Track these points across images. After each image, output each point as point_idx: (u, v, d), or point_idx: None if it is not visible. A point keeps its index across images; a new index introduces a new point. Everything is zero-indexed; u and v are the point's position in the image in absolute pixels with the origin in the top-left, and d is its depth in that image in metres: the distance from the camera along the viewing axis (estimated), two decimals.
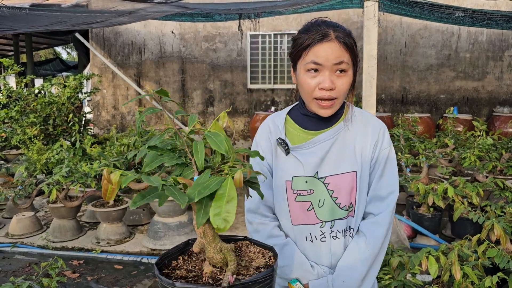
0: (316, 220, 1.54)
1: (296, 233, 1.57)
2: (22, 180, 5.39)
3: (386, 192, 1.55)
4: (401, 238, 4.40)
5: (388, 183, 1.55)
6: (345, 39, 1.42)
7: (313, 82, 1.43)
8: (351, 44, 1.44)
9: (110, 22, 5.63)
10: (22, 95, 6.38)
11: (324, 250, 1.55)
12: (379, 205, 1.55)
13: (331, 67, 1.41)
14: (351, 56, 1.44)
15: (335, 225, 1.54)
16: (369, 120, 1.58)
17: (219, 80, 9.90)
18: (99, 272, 4.18)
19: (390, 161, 1.56)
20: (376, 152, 1.54)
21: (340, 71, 1.42)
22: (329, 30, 1.41)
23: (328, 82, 1.41)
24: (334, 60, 1.40)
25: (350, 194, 1.52)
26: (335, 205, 1.52)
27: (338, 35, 1.41)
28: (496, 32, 8.90)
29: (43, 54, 24.88)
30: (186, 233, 4.74)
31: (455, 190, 3.97)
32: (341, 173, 1.51)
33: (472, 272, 2.31)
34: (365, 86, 4.12)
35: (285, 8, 5.17)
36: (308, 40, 1.42)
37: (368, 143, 1.54)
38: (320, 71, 1.42)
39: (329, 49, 1.40)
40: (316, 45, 1.40)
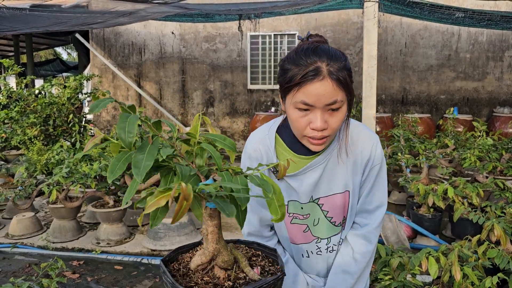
0: (312, 238, 1.56)
1: (294, 251, 1.61)
2: (22, 180, 5.39)
3: (375, 205, 1.54)
4: (401, 239, 4.40)
5: (377, 197, 1.54)
6: (338, 75, 1.28)
7: (304, 120, 1.33)
8: (345, 79, 1.30)
9: (110, 22, 5.63)
10: (22, 95, 6.39)
11: (320, 263, 1.60)
12: (367, 217, 1.56)
13: (323, 107, 1.30)
14: (346, 93, 1.32)
15: (331, 241, 1.57)
16: (359, 137, 1.50)
17: (219, 80, 9.90)
18: (99, 273, 4.18)
19: (381, 176, 1.53)
20: (367, 169, 1.51)
21: (333, 110, 1.32)
22: (321, 65, 1.27)
23: (320, 123, 1.31)
24: (327, 101, 1.28)
25: (343, 211, 1.54)
26: (331, 224, 1.54)
27: (331, 71, 1.27)
28: (496, 33, 8.90)
29: (43, 54, 24.89)
30: (186, 233, 4.74)
31: (455, 191, 3.97)
32: (335, 193, 1.50)
33: (472, 272, 2.31)
34: (365, 86, 4.12)
35: (285, 8, 5.17)
36: (298, 77, 1.28)
37: (359, 161, 1.49)
38: (311, 110, 1.31)
39: (321, 88, 1.27)
40: (307, 84, 1.27)
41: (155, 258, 4.46)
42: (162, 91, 10.11)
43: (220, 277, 1.02)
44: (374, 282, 2.83)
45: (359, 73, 9.24)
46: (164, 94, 10.09)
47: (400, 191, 6.13)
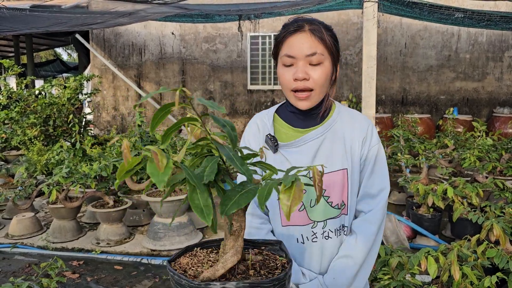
0: (308, 221, 1.51)
1: (287, 234, 1.54)
2: (22, 181, 5.40)
3: (377, 189, 1.53)
4: (401, 239, 4.40)
5: (379, 180, 1.54)
6: (320, 33, 1.40)
7: (289, 74, 1.43)
8: (325, 37, 1.41)
9: (110, 23, 5.64)
10: (22, 96, 6.39)
11: (315, 251, 1.53)
12: (370, 202, 1.53)
13: (304, 58, 1.40)
14: (326, 48, 1.41)
15: (328, 225, 1.52)
16: (356, 117, 1.57)
17: (219, 81, 9.91)
18: (99, 273, 4.18)
19: (380, 158, 1.55)
20: (365, 149, 1.53)
21: (316, 64, 1.41)
22: (304, 24, 1.41)
23: (301, 72, 1.40)
24: (307, 51, 1.39)
25: (341, 192, 1.51)
26: (327, 204, 1.50)
27: (313, 28, 1.40)
28: (496, 33, 8.91)
29: (43, 55, 24.90)
30: (186, 233, 4.74)
31: (454, 191, 3.97)
32: (332, 171, 1.49)
33: (471, 272, 2.31)
34: (364, 86, 4.12)
35: (284, 9, 5.18)
36: (283, 33, 1.44)
37: (356, 140, 1.52)
38: (294, 64, 1.42)
39: (301, 39, 1.40)
40: (290, 37, 1.42)
41: (155, 258, 4.47)
42: None
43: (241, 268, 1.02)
44: (374, 281, 2.84)
45: (358, 73, 9.24)
46: (164, 95, 10.09)
47: (399, 191, 6.13)
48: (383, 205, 1.54)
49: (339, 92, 9.45)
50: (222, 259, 1.01)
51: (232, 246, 1.02)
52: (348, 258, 1.50)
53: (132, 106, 10.25)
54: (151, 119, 0.88)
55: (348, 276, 1.49)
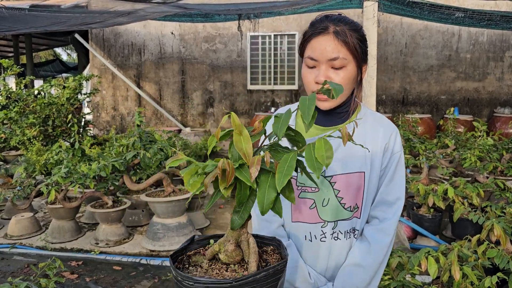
0: (318, 219, 1.49)
1: (295, 230, 1.53)
2: (21, 181, 5.38)
3: (394, 197, 1.51)
4: (401, 239, 4.38)
5: (397, 188, 1.51)
6: (344, 35, 1.37)
7: (311, 76, 1.42)
8: (350, 40, 1.38)
9: (109, 22, 5.62)
10: (22, 96, 6.37)
11: (322, 251, 1.51)
12: (386, 210, 1.51)
13: (326, 62, 1.38)
14: (350, 52, 1.38)
15: (338, 226, 1.49)
16: (381, 122, 1.53)
17: (219, 81, 9.89)
18: (98, 273, 4.17)
19: (401, 166, 1.52)
20: (387, 155, 1.50)
21: (338, 68, 1.39)
22: (329, 25, 1.39)
23: (322, 76, 1.38)
24: (329, 55, 1.37)
25: (356, 195, 1.48)
26: (340, 205, 1.48)
27: (337, 30, 1.37)
28: (496, 33, 8.89)
29: (43, 55, 24.91)
30: (185, 234, 4.72)
31: (455, 191, 3.95)
32: (349, 172, 1.47)
33: (471, 272, 2.29)
34: (364, 86, 4.11)
35: (284, 8, 5.16)
36: (308, 33, 1.42)
37: (379, 145, 1.49)
38: (317, 67, 1.40)
39: (324, 42, 1.37)
40: (314, 38, 1.40)
41: (154, 259, 4.45)
42: (162, 91, 10.10)
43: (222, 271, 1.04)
44: None
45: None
46: (164, 95, 10.08)
47: None
48: (398, 215, 1.51)
49: None
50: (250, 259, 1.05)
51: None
52: (360, 268, 1.47)
53: (131, 106, 10.24)
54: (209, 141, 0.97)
55: (358, 286, 1.47)
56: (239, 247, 1.08)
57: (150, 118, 10.15)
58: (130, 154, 4.77)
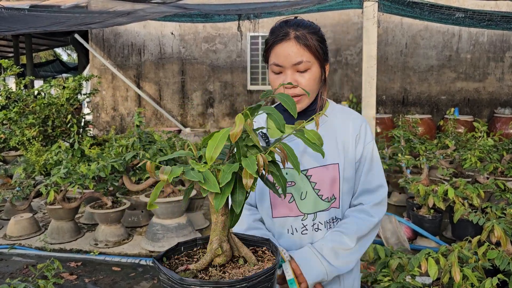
0: (298, 213, 1.55)
1: (277, 226, 1.58)
2: (20, 181, 5.37)
3: (375, 185, 1.58)
4: (401, 240, 4.37)
5: (377, 176, 1.59)
6: (305, 39, 1.43)
7: (277, 81, 1.48)
8: (311, 43, 1.45)
9: (109, 22, 5.62)
10: (21, 96, 6.36)
11: (304, 243, 1.56)
12: (369, 197, 1.58)
13: (291, 67, 1.45)
14: (313, 54, 1.45)
15: (317, 217, 1.55)
16: (350, 115, 1.62)
17: (219, 81, 9.88)
18: (97, 274, 4.16)
19: (375, 154, 1.60)
20: (360, 146, 1.57)
21: (303, 71, 1.46)
22: (289, 30, 1.44)
23: (289, 81, 1.44)
24: (293, 60, 1.43)
25: (332, 186, 1.54)
26: (318, 197, 1.54)
27: (297, 35, 1.43)
28: (497, 33, 8.88)
29: (43, 55, 24.91)
30: (184, 235, 4.71)
31: (455, 192, 3.94)
32: (323, 165, 1.53)
33: (472, 274, 2.28)
34: (364, 86, 4.09)
35: (284, 8, 5.15)
36: (270, 41, 1.47)
37: (350, 136, 1.57)
38: (283, 72, 1.47)
39: (287, 49, 1.43)
40: (276, 45, 1.45)
41: None
42: (162, 91, 10.09)
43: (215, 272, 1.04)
44: (373, 283, 2.81)
45: (359, 73, 9.21)
46: (164, 95, 10.07)
47: (400, 192, 6.10)
48: (384, 201, 1.59)
49: (340, 93, 9.43)
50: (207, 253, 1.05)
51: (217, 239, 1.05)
52: (342, 234, 1.52)
53: (131, 106, 10.23)
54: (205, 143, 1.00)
55: (336, 248, 1.50)
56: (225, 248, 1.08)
57: (150, 119, 10.14)
58: (129, 155, 4.76)
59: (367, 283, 2.84)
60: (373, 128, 4.15)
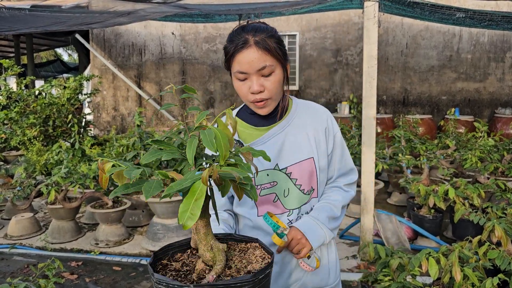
0: (283, 210, 1.61)
1: (262, 225, 1.61)
2: (20, 181, 5.37)
3: (348, 168, 1.74)
4: (402, 240, 4.37)
5: (348, 160, 1.74)
6: (264, 44, 1.46)
7: (244, 88, 1.51)
8: (271, 47, 1.47)
9: (109, 22, 5.62)
10: (22, 96, 6.37)
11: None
12: (345, 178, 1.75)
13: (256, 73, 1.47)
14: (274, 58, 1.48)
15: (301, 211, 1.63)
16: (314, 109, 1.69)
17: (220, 81, 9.88)
18: (97, 274, 4.16)
19: (343, 142, 1.72)
20: (330, 138, 1.67)
21: (268, 75, 1.48)
22: (248, 37, 1.46)
23: (256, 86, 1.47)
24: (257, 66, 1.45)
25: (310, 179, 1.61)
26: (300, 192, 1.61)
27: (257, 41, 1.45)
28: (497, 33, 8.88)
29: (44, 55, 24.92)
30: (185, 234, 4.71)
31: (456, 192, 3.94)
32: (300, 160, 1.60)
33: (472, 273, 2.28)
34: (365, 86, 4.09)
35: (284, 8, 5.15)
36: (231, 50, 1.48)
37: (320, 129, 1.64)
38: (248, 78, 1.49)
39: (250, 56, 1.45)
40: (238, 53, 1.46)
41: None
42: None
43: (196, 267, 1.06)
44: (374, 283, 2.81)
45: (359, 73, 9.21)
46: (164, 96, 10.08)
47: (400, 192, 6.10)
48: (355, 180, 1.77)
49: (340, 93, 9.43)
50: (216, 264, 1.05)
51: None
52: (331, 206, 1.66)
53: (131, 106, 10.23)
54: None
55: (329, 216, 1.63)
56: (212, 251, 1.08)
57: (150, 119, 10.14)
58: (130, 155, 4.76)
59: (368, 282, 2.84)
60: (373, 128, 4.15)
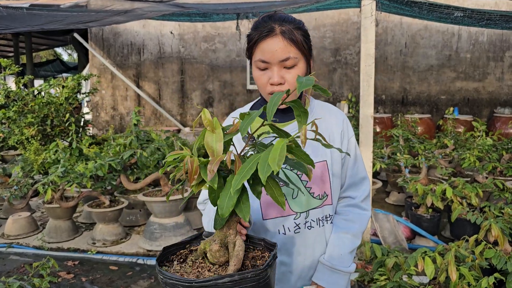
0: (290, 212, 1.54)
1: (269, 227, 1.55)
2: (17, 180, 5.36)
3: (360, 177, 1.63)
4: (399, 239, 4.36)
5: (361, 169, 1.63)
6: (291, 34, 1.41)
7: (264, 78, 1.45)
8: (297, 38, 1.42)
9: (107, 21, 5.61)
10: (20, 95, 6.35)
11: (297, 242, 1.56)
12: (356, 190, 1.62)
13: (278, 63, 1.42)
14: (299, 50, 1.43)
15: (310, 215, 1.54)
16: (331, 111, 1.62)
17: (218, 80, 9.87)
18: (94, 273, 4.15)
19: (357, 147, 1.64)
20: (345, 141, 1.58)
21: (290, 67, 1.43)
22: (275, 26, 1.41)
23: (276, 78, 1.42)
24: (280, 57, 1.40)
25: (323, 183, 1.54)
26: (310, 195, 1.53)
27: (283, 30, 1.40)
28: (496, 33, 8.86)
29: (44, 55, 24.91)
30: (182, 234, 4.70)
31: (454, 191, 3.93)
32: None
33: (468, 273, 2.27)
34: (362, 85, 4.08)
35: (282, 7, 5.14)
36: (255, 37, 1.43)
37: (335, 132, 1.57)
38: (269, 68, 1.44)
39: (274, 45, 1.40)
40: (262, 41, 1.42)
41: (151, 259, 4.43)
42: (161, 91, 10.08)
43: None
44: (370, 282, 2.80)
45: (358, 73, 9.18)
46: (163, 94, 10.06)
47: (398, 191, 6.09)
48: (368, 192, 1.64)
49: (339, 92, 9.41)
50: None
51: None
52: (352, 237, 1.58)
53: (130, 106, 10.21)
54: None
55: (351, 251, 1.57)
56: (225, 248, 1.06)
57: (149, 118, 10.13)
58: (127, 154, 4.75)
59: (364, 282, 2.83)
60: (371, 127, 4.14)
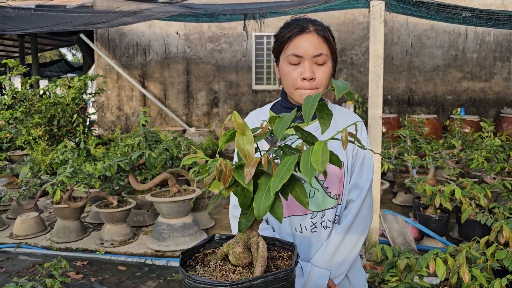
0: (306, 211, 1.56)
1: (286, 225, 1.58)
2: (26, 180, 5.38)
3: (365, 179, 1.61)
4: (408, 240, 4.35)
5: (368, 171, 1.62)
6: (323, 32, 1.49)
7: (295, 73, 1.50)
8: (329, 37, 1.50)
9: (115, 22, 5.62)
10: (27, 96, 6.38)
11: (314, 241, 1.57)
12: (360, 192, 1.60)
13: (311, 59, 1.47)
14: (329, 49, 1.50)
15: (326, 215, 1.57)
16: (347, 114, 1.65)
17: (224, 81, 9.88)
18: (103, 273, 4.16)
19: (367, 156, 1.63)
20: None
21: (321, 64, 1.48)
22: (308, 24, 1.48)
23: (309, 72, 1.47)
24: (314, 52, 1.47)
25: (339, 183, 1.57)
26: (326, 194, 1.56)
27: (317, 28, 1.48)
28: (503, 33, 8.83)
29: (48, 55, 24.99)
30: (190, 234, 4.71)
31: (462, 192, 3.92)
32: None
33: (480, 274, 2.26)
34: (371, 86, 4.07)
35: (290, 8, 5.14)
36: (288, 33, 1.49)
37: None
38: (301, 63, 1.49)
39: (308, 41, 1.47)
40: (296, 37, 1.48)
41: (159, 259, 4.44)
42: (167, 91, 10.10)
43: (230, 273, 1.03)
44: (381, 283, 2.80)
45: (364, 73, 9.18)
46: (169, 95, 10.08)
47: (406, 192, 6.08)
48: (371, 195, 1.64)
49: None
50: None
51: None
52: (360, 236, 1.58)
53: (136, 106, 10.24)
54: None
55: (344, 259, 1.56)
56: (248, 249, 1.07)
57: (155, 118, 10.15)
58: (135, 154, 4.76)
59: (375, 283, 2.82)
60: (379, 127, 4.14)
